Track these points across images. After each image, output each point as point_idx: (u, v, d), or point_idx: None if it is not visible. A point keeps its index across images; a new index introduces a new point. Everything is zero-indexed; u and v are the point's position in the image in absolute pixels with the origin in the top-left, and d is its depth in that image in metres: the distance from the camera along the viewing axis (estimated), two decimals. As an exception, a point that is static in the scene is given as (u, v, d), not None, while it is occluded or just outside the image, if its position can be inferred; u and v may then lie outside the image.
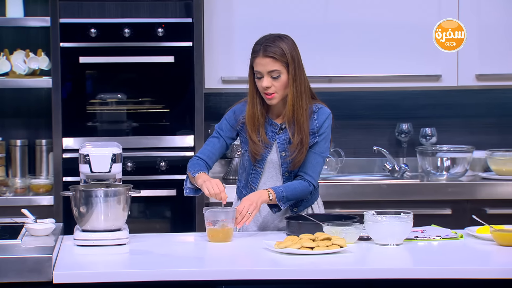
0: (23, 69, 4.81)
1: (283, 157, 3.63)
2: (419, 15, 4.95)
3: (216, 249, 3.35)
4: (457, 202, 4.78)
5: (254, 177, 3.67)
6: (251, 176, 3.67)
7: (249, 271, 3.03)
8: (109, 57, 4.70)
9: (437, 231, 3.55)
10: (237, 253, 3.32)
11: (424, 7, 4.96)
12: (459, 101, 5.30)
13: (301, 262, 3.08)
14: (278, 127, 3.64)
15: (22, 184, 4.76)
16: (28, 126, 5.06)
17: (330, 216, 3.63)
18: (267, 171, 3.67)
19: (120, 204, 3.37)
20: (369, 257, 3.24)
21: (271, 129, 3.65)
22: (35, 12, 4.91)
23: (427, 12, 4.95)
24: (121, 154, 3.51)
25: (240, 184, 3.74)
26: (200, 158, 3.65)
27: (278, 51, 3.55)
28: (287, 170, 3.64)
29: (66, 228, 3.70)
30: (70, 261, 3.14)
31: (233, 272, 3.01)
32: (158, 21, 4.71)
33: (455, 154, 4.98)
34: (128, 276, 2.96)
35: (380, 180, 4.94)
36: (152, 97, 4.77)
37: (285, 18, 4.90)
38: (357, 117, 5.27)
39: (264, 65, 3.55)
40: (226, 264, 3.16)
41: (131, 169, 4.69)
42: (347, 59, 4.96)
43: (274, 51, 3.55)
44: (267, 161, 3.65)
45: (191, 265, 3.12)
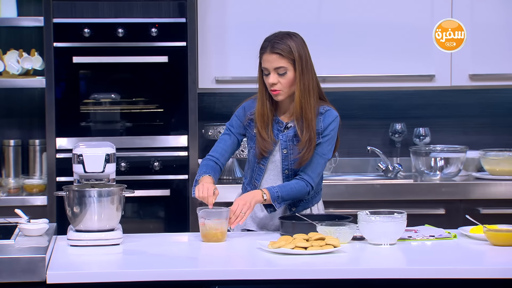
0: (16, 69, 4.80)
1: (284, 154, 3.64)
2: (412, 15, 4.96)
3: (210, 249, 3.35)
4: (451, 202, 4.79)
5: (257, 174, 3.68)
6: (255, 173, 3.69)
7: (243, 271, 3.03)
8: (102, 57, 4.70)
9: (431, 231, 3.56)
10: (231, 253, 3.33)
11: (417, 7, 4.96)
12: (453, 101, 5.31)
13: (295, 262, 3.08)
14: (284, 125, 3.65)
15: (15, 184, 4.75)
16: (21, 126, 5.06)
17: (323, 216, 3.63)
18: (270, 168, 3.68)
19: (114, 204, 3.37)
20: (363, 257, 3.25)
21: (277, 127, 3.66)
22: (29, 12, 4.91)
23: (420, 12, 4.95)
24: (115, 154, 3.51)
25: (245, 180, 3.76)
26: (212, 156, 3.67)
27: (285, 48, 3.57)
28: (288, 168, 3.65)
29: (59, 228, 3.70)
30: (64, 261, 3.13)
31: (227, 272, 3.01)
32: (152, 21, 4.71)
33: (449, 154, 4.98)
34: (122, 276, 2.96)
35: (374, 180, 4.94)
36: (146, 97, 4.76)
37: (278, 18, 4.90)
38: (351, 117, 5.27)
39: (271, 62, 3.57)
40: (220, 264, 3.17)
41: (125, 169, 4.68)
42: (341, 59, 4.96)
43: (281, 48, 3.57)
44: (270, 159, 3.66)
45: (185, 265, 3.12)
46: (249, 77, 4.85)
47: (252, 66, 4.00)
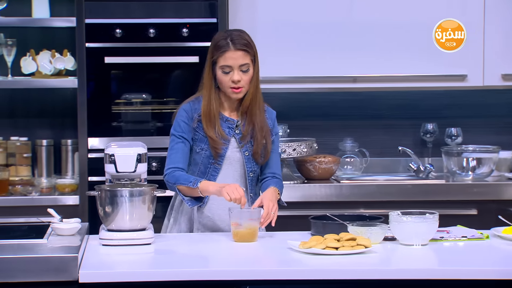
0: (49, 69, 4.84)
1: (246, 157, 3.64)
2: (444, 16, 4.93)
3: (241, 249, 3.35)
4: (483, 203, 4.76)
5: (212, 174, 3.64)
6: (207, 175, 3.64)
7: (274, 271, 3.03)
8: (134, 57, 4.72)
9: (463, 231, 3.53)
10: (262, 253, 3.32)
11: (447, 7, 4.94)
12: (485, 101, 5.27)
13: (326, 262, 3.08)
14: (235, 123, 3.65)
15: (48, 184, 4.78)
16: (53, 126, 5.09)
17: (354, 216, 3.62)
18: (226, 167, 3.65)
19: (145, 203, 3.38)
20: (394, 257, 3.23)
21: (226, 125, 3.64)
22: (61, 13, 4.93)
23: (452, 13, 4.93)
24: (146, 154, 3.52)
25: None
26: (178, 168, 3.59)
27: (248, 44, 3.60)
28: (251, 170, 3.66)
29: (91, 228, 3.71)
30: (96, 260, 3.15)
31: (258, 272, 3.01)
32: (183, 21, 4.72)
33: (481, 154, 4.95)
34: (153, 275, 2.97)
35: (405, 180, 4.92)
36: (176, 97, 4.78)
37: (309, 18, 4.89)
38: (382, 117, 5.26)
39: (236, 59, 3.57)
40: (251, 264, 3.16)
41: (156, 169, 4.70)
42: (372, 59, 4.94)
43: (244, 43, 3.58)
44: (226, 158, 3.64)
45: (216, 265, 3.13)
46: (280, 77, 4.87)
47: (283, 65, 4.04)
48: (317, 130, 5.12)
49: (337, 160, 4.97)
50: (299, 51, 4.89)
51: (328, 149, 5.17)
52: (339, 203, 4.71)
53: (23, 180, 4.80)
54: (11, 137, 4.98)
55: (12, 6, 4.89)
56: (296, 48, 4.88)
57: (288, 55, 4.09)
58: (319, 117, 5.21)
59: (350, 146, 5.14)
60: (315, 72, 4.91)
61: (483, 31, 4.93)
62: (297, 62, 4.87)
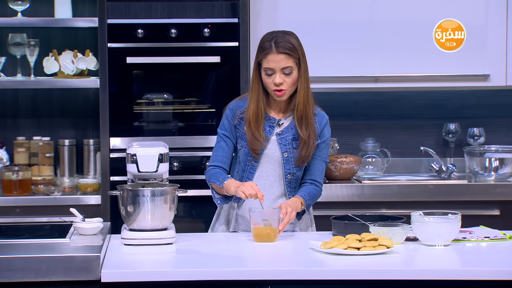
0: (71, 70, 4.86)
1: (285, 158, 3.63)
2: (467, 15, 4.91)
3: (262, 249, 3.35)
4: (506, 203, 4.73)
5: (250, 172, 3.65)
6: (246, 172, 3.65)
7: (295, 271, 3.03)
8: (155, 57, 4.73)
9: (486, 232, 3.52)
10: (283, 253, 3.32)
11: (471, 7, 4.92)
12: (507, 101, 5.25)
13: (348, 263, 3.07)
14: (276, 122, 3.64)
15: (70, 184, 4.80)
16: (76, 126, 5.11)
17: (376, 216, 3.61)
18: (263, 166, 3.65)
19: (167, 203, 3.39)
20: (417, 258, 3.22)
21: (268, 124, 3.64)
22: (83, 13, 4.96)
23: (474, 12, 4.91)
24: (168, 154, 3.53)
25: None
26: (216, 166, 3.64)
27: (291, 48, 3.56)
28: (290, 173, 3.64)
29: (113, 227, 3.73)
30: (118, 260, 3.16)
31: (280, 272, 3.01)
32: (204, 21, 4.72)
33: (504, 155, 4.93)
34: (175, 275, 2.98)
35: (427, 180, 4.91)
36: (198, 97, 4.79)
37: (330, 17, 4.89)
38: (404, 117, 5.24)
39: (278, 62, 3.55)
40: (272, 264, 3.17)
41: (177, 169, 4.71)
42: (394, 58, 4.93)
43: (287, 47, 3.55)
44: (264, 156, 3.64)
45: (237, 265, 3.13)
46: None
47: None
48: (338, 130, 5.11)
49: (359, 160, 4.96)
50: (320, 51, 4.88)
51: (349, 149, 5.17)
52: (360, 203, 4.71)
53: (46, 180, 4.83)
54: (34, 137, 5.01)
55: (34, 6, 4.91)
56: (318, 48, 4.88)
57: (310, 55, 4.01)
58: (341, 117, 5.20)
59: (372, 146, 5.13)
60: (336, 72, 4.91)
61: (506, 31, 4.90)
62: (318, 62, 4.86)
